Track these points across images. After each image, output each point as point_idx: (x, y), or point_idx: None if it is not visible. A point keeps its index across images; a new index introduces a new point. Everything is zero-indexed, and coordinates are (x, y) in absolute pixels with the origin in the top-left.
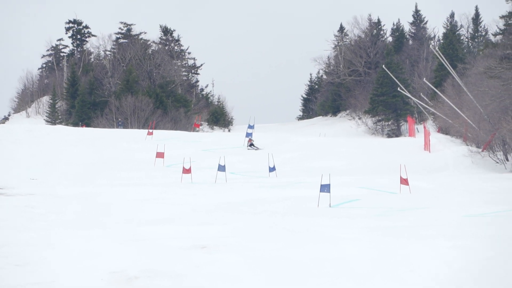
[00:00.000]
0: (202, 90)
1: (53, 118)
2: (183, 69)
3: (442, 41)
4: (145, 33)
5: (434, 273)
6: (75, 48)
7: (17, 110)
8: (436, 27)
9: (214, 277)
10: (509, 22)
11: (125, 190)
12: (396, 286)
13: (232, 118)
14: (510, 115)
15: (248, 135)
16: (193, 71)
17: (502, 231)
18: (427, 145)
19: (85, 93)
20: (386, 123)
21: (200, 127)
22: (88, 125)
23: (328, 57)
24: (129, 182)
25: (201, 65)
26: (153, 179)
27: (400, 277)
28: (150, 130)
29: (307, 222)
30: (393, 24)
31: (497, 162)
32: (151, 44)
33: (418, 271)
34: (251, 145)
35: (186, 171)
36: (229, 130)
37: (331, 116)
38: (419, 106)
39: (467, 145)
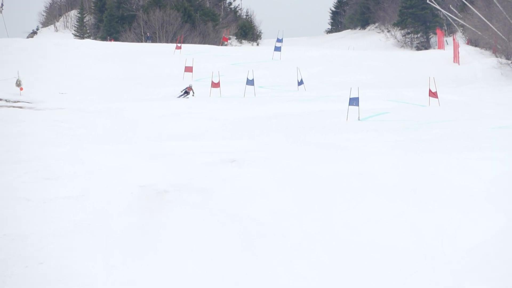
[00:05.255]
0: (230, 3)
1: (81, 32)
2: None
3: None
4: None
5: (464, 186)
6: None
7: (45, 24)
8: None
9: (242, 191)
10: None
11: (153, 105)
12: (425, 199)
13: (260, 32)
14: None
15: (277, 49)
16: None
17: None
18: (456, 58)
19: (113, 7)
20: (415, 36)
21: (229, 41)
22: (116, 40)
23: None
24: (158, 97)
25: None
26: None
27: (428, 190)
28: (179, 45)
29: (336, 136)
30: None
31: None
32: None
33: (447, 184)
34: (186, 92)
35: (215, 85)
36: (257, 44)
37: (360, 29)
38: (449, 18)
39: (497, 57)
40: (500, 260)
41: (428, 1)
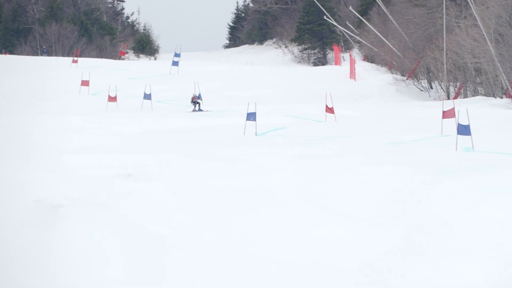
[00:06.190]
0: (127, 18)
1: None
2: None
3: None
4: None
5: (360, 200)
6: None
7: None
8: None
9: (139, 206)
10: None
11: (49, 118)
12: (321, 214)
13: (158, 46)
14: (434, 43)
15: (175, 63)
16: None
17: (426, 158)
18: (352, 74)
19: (8, 19)
20: (312, 52)
21: (126, 55)
22: (11, 53)
23: None
24: (53, 111)
25: None
26: (78, 108)
27: (325, 205)
28: (75, 58)
29: (234, 150)
30: None
31: (421, 90)
32: None
33: (342, 199)
34: (196, 103)
35: (112, 99)
36: (155, 59)
37: (257, 44)
38: (345, 35)
39: (392, 73)
40: (395, 274)
41: (325, 17)
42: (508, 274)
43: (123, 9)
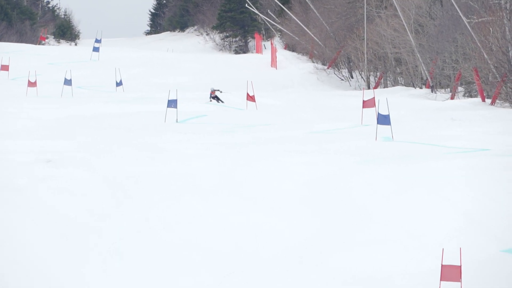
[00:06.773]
0: (48, 2)
1: None
2: None
3: None
4: None
5: (281, 189)
6: None
7: None
8: None
9: (58, 191)
10: None
11: None
12: (242, 201)
13: (79, 32)
14: (355, 32)
15: (95, 49)
16: None
17: (346, 147)
18: (274, 62)
19: None
20: (234, 40)
21: (46, 40)
22: None
23: None
24: None
25: None
26: None
27: (245, 192)
28: None
29: (155, 137)
30: None
31: (342, 79)
32: None
33: (263, 186)
34: (215, 97)
35: (32, 84)
36: (76, 44)
37: (179, 31)
38: (267, 23)
39: (313, 62)
40: (315, 262)
41: (246, 5)
42: (426, 264)
43: None
